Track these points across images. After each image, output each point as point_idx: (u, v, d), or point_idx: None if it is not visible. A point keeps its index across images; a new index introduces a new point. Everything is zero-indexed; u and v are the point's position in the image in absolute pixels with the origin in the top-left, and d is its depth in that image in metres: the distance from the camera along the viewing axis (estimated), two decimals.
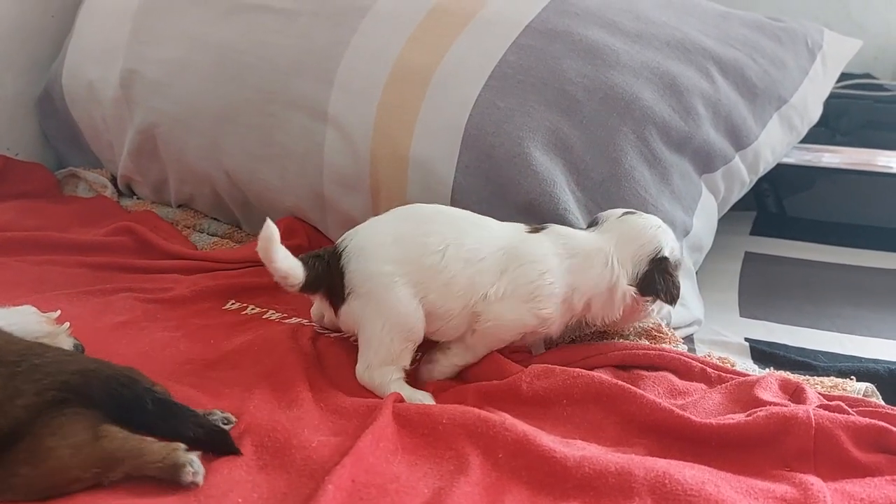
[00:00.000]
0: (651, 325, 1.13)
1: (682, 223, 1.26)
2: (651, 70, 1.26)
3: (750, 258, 1.59)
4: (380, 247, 0.98)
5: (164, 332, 1.05)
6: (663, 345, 1.10)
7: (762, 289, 1.45)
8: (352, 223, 1.32)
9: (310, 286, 0.99)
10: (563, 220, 1.16)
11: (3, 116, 1.75)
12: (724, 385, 0.95)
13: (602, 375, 0.90)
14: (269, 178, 1.36)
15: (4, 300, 0.96)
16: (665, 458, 0.78)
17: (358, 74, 1.29)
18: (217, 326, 1.09)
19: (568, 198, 1.18)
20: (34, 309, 0.89)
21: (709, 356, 1.11)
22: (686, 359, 1.03)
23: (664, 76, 1.26)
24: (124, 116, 1.53)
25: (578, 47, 1.25)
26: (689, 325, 1.25)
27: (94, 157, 1.72)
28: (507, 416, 0.81)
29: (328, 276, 0.99)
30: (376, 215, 1.30)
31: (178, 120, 1.44)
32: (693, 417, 0.82)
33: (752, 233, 1.75)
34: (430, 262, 0.95)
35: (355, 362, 0.97)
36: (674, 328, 1.19)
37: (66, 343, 0.86)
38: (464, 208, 1.21)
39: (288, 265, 0.96)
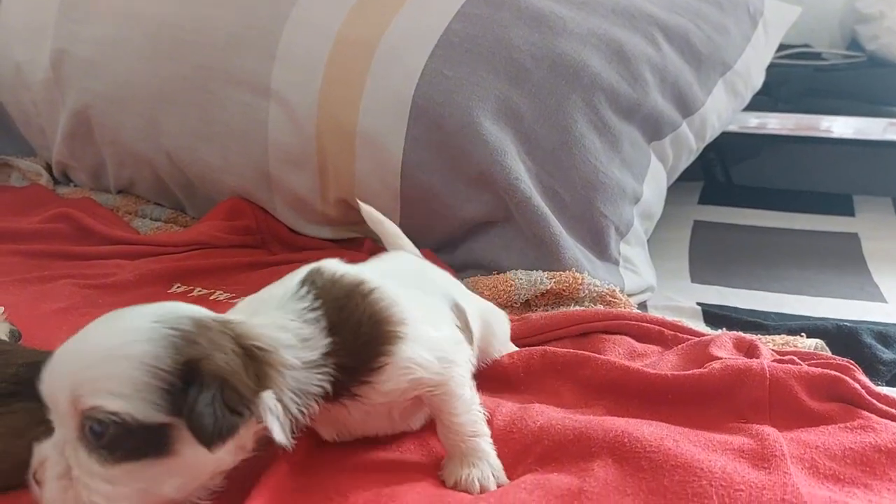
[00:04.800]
0: (605, 291, 1.13)
1: (633, 190, 1.26)
2: (598, 37, 1.25)
3: (699, 226, 1.62)
4: None
5: None
6: (619, 309, 1.11)
7: (712, 255, 1.47)
8: (300, 202, 1.30)
9: None
10: (515, 190, 1.16)
11: None
12: (680, 346, 0.96)
13: (557, 348, 0.90)
14: (212, 157, 1.32)
15: None
16: (623, 416, 0.78)
17: (300, 48, 1.25)
18: None
19: (519, 167, 1.17)
20: None
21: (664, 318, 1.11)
22: (642, 322, 1.03)
23: (611, 43, 1.25)
24: (56, 99, 1.47)
25: (525, 15, 1.24)
26: (643, 291, 1.26)
27: (26, 144, 1.65)
28: None
29: None
30: (324, 193, 1.28)
31: (112, 100, 1.39)
32: (648, 370, 0.82)
33: (701, 202, 1.77)
34: None
35: None
36: (627, 295, 1.20)
37: (2, 328, 0.82)
38: (415, 181, 1.20)
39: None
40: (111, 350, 0.56)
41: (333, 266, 0.70)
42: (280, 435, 0.59)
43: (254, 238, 1.31)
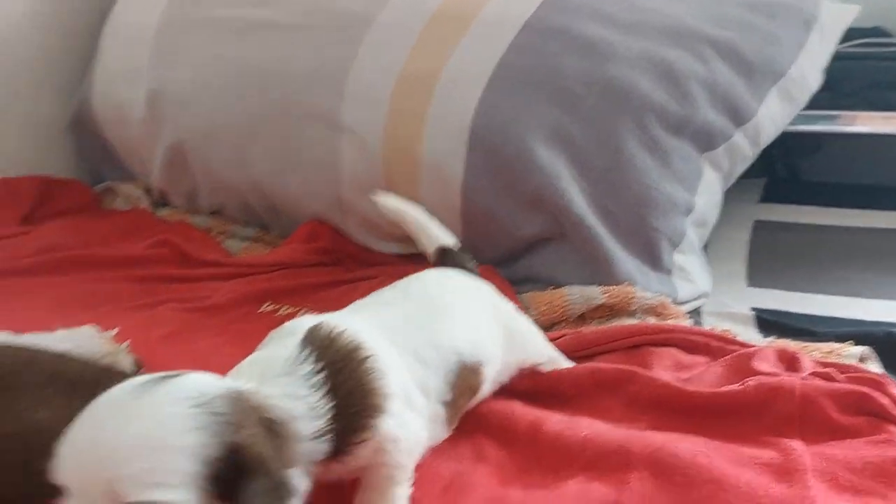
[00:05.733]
0: (656, 303, 1.20)
1: (685, 202, 1.32)
2: (647, 59, 1.31)
3: (760, 226, 1.63)
4: None
5: (207, 339, 1.14)
6: (669, 321, 1.18)
7: (771, 257, 1.49)
8: (370, 223, 1.42)
9: None
10: (568, 212, 1.23)
11: (40, 139, 1.86)
12: (725, 358, 1.02)
13: (606, 365, 0.98)
14: (292, 186, 1.45)
15: (61, 319, 1.03)
16: (665, 430, 0.85)
17: (367, 84, 1.36)
18: (255, 330, 1.15)
19: (573, 189, 1.25)
20: (95, 330, 0.98)
21: (713, 329, 1.17)
22: (690, 335, 1.10)
23: (660, 64, 1.31)
24: (153, 134, 1.63)
25: (575, 43, 1.31)
26: (696, 298, 1.31)
27: (128, 171, 1.82)
28: (516, 405, 0.90)
29: None
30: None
31: (204, 136, 1.54)
32: (688, 387, 0.90)
33: (763, 200, 1.77)
34: None
35: None
36: (679, 303, 1.26)
37: (126, 361, 0.94)
38: (475, 205, 1.29)
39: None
40: (159, 441, 0.55)
41: (332, 323, 0.71)
42: None
43: (330, 257, 1.43)
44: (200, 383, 0.60)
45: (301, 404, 0.63)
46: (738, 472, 0.74)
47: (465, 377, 0.80)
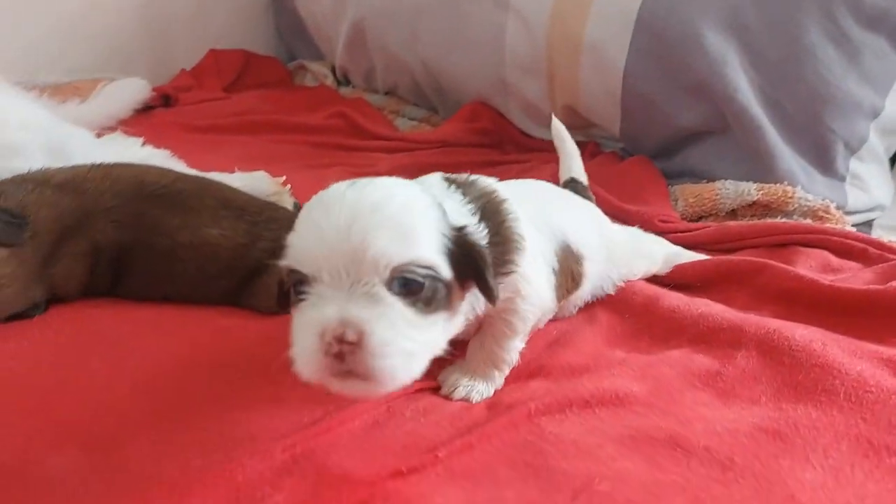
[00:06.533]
0: (818, 206, 1.13)
1: (872, 105, 1.21)
2: None
3: None
4: None
5: None
6: (827, 225, 1.11)
7: None
8: (531, 107, 1.44)
9: None
10: (732, 101, 1.18)
11: (245, 16, 2.03)
12: (879, 265, 0.96)
13: (736, 257, 0.95)
14: (458, 65, 1.50)
15: (244, 168, 1.19)
16: (790, 321, 0.83)
17: None
18: None
19: (740, 78, 1.19)
20: (265, 174, 1.11)
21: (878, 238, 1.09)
22: (847, 239, 1.04)
23: None
24: (339, 12, 1.73)
25: None
26: (870, 209, 1.23)
27: (317, 49, 1.96)
28: (638, 283, 0.91)
29: None
30: (552, 99, 1.40)
31: (382, 14, 1.61)
32: (822, 281, 0.86)
33: None
34: None
35: None
36: (849, 212, 1.19)
37: (288, 201, 1.07)
38: (635, 90, 1.27)
39: None
40: (409, 216, 0.59)
41: (465, 175, 0.74)
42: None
43: (490, 138, 1.48)
44: (404, 180, 0.64)
45: (467, 222, 0.66)
46: (852, 362, 0.72)
47: (568, 259, 0.80)
